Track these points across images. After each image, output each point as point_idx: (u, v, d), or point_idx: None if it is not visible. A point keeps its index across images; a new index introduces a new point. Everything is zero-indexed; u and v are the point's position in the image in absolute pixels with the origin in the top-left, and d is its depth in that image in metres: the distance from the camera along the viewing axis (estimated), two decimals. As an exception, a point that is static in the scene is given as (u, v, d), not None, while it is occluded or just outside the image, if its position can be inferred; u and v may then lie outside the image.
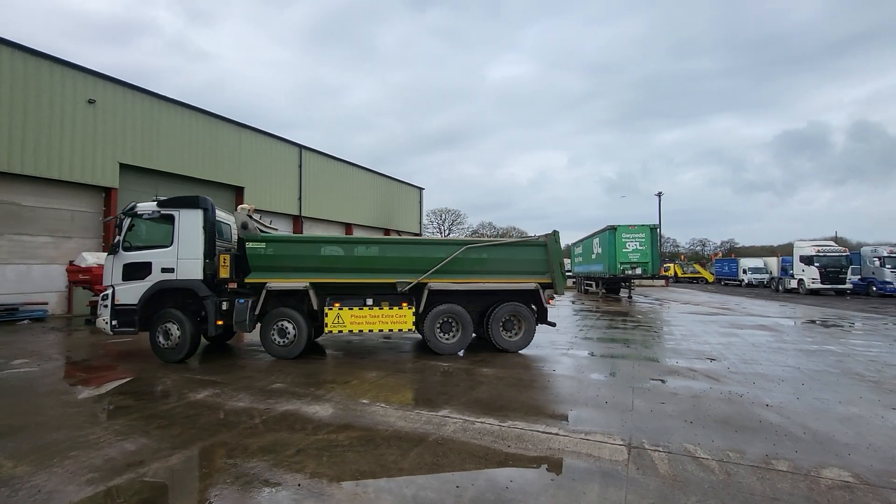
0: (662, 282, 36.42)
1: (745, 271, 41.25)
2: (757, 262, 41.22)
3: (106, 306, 7.88)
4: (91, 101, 15.94)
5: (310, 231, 26.52)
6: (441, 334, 8.68)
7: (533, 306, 9.12)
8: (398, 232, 35.61)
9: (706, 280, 48.33)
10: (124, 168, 16.98)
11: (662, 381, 6.74)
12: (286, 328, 8.26)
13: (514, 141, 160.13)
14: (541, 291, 8.98)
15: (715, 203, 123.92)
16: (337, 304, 8.38)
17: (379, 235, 33.61)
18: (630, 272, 22.21)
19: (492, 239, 9.33)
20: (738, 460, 3.97)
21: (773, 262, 39.32)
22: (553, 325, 9.45)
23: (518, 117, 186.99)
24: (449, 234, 79.86)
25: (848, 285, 28.26)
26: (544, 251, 9.05)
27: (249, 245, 8.26)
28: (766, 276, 39.19)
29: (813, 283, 28.77)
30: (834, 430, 4.72)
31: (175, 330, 7.87)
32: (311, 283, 8.29)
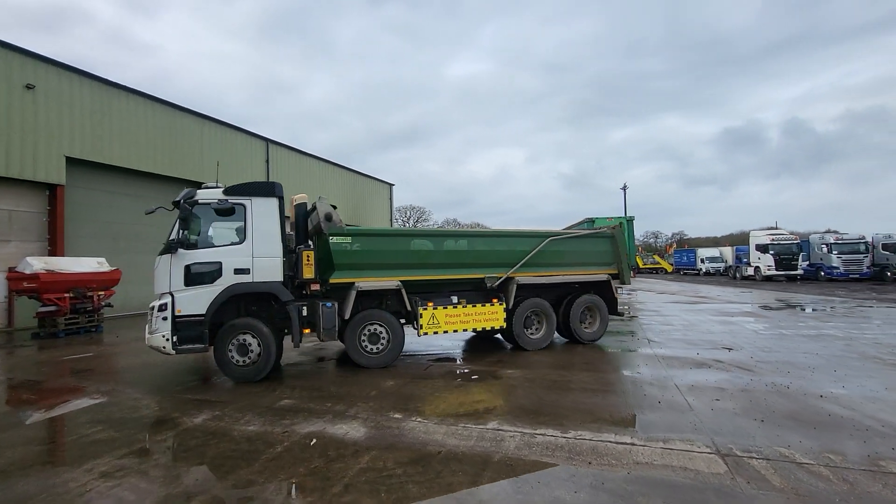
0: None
1: (702, 261, 42.93)
2: (714, 252, 42.98)
3: (165, 319, 6.18)
4: (29, 87, 14.01)
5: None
6: (527, 330, 8.39)
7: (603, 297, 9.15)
8: (370, 229, 34.43)
9: (665, 270, 50.03)
10: (72, 163, 15.09)
11: (697, 375, 6.38)
12: (379, 333, 7.29)
13: (474, 138, 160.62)
14: (611, 282, 9.11)
15: (665, 197, 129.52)
16: (430, 304, 7.64)
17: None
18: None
19: (568, 231, 9.25)
20: (843, 463, 3.57)
21: (729, 252, 41.14)
22: (621, 315, 9.55)
23: (477, 115, 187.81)
24: (415, 231, 78.85)
25: (799, 271, 29.87)
26: (611, 242, 9.16)
27: (334, 240, 7.09)
28: (722, 265, 40.92)
29: (768, 269, 30.20)
30: (907, 420, 4.45)
31: (254, 343, 6.54)
32: (402, 282, 7.44)
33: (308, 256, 6.85)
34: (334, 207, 7.28)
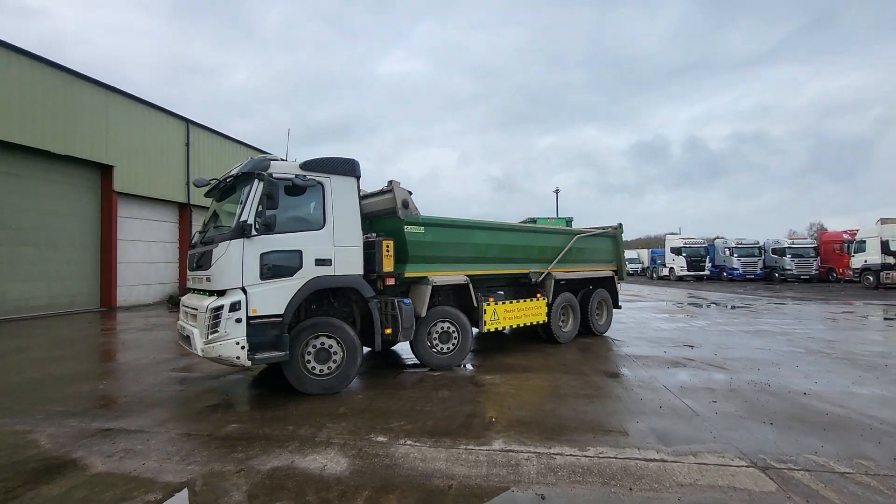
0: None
1: (622, 262, 45.86)
2: (632, 254, 46.05)
3: (239, 321, 4.81)
4: None
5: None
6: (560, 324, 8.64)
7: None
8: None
9: (589, 270, 52.82)
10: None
11: (679, 375, 6.20)
12: (450, 331, 6.85)
13: (406, 137, 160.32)
14: (615, 278, 9.87)
15: (585, 202, 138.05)
16: (491, 299, 7.42)
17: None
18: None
19: (587, 229, 9.58)
20: (879, 470, 3.35)
21: (645, 254, 44.37)
22: (619, 307, 10.05)
23: (410, 114, 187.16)
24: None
25: (706, 272, 32.87)
26: (615, 241, 9.98)
27: (409, 229, 6.42)
28: (639, 266, 44.02)
29: (681, 270, 32.90)
30: (896, 416, 4.47)
31: (336, 347, 5.49)
32: (468, 276, 7.08)
33: (388, 246, 6.05)
34: (410, 193, 6.53)
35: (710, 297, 19.26)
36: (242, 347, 4.82)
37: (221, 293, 4.90)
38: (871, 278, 23.23)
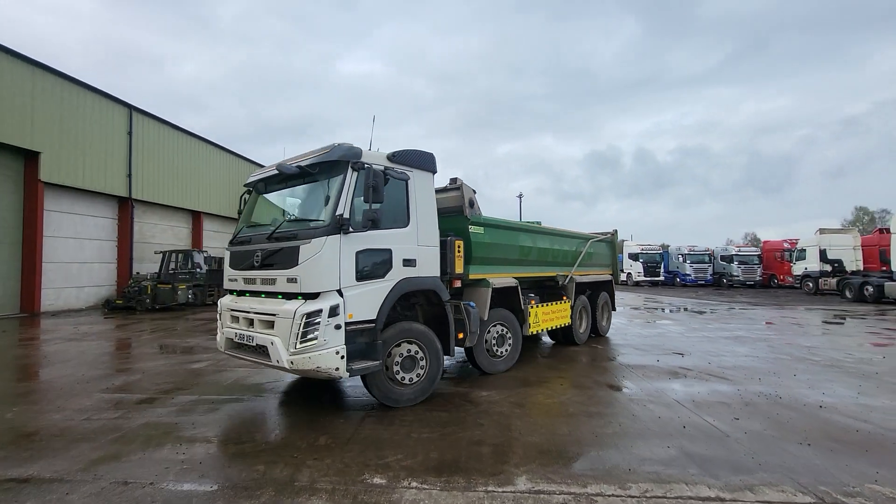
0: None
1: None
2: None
3: (338, 327, 4.31)
4: None
5: (145, 219, 20.25)
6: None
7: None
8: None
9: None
10: None
11: (685, 387, 5.80)
12: (505, 334, 6.67)
13: (366, 139, 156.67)
14: (612, 281, 10.23)
15: (543, 209, 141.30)
16: (533, 302, 7.26)
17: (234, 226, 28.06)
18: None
19: (597, 234, 9.93)
20: (952, 501, 2.98)
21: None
22: (614, 309, 10.41)
23: (371, 115, 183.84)
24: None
25: (661, 277, 33.99)
26: (611, 246, 10.31)
27: (473, 229, 6.21)
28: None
29: (638, 275, 33.83)
30: (923, 431, 4.21)
31: (422, 354, 5.11)
32: (515, 279, 6.93)
33: (459, 246, 5.76)
34: (474, 192, 6.43)
35: (672, 301, 19.65)
36: (342, 357, 4.30)
37: (311, 296, 4.33)
38: (810, 284, 24.67)
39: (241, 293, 5.13)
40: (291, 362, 4.21)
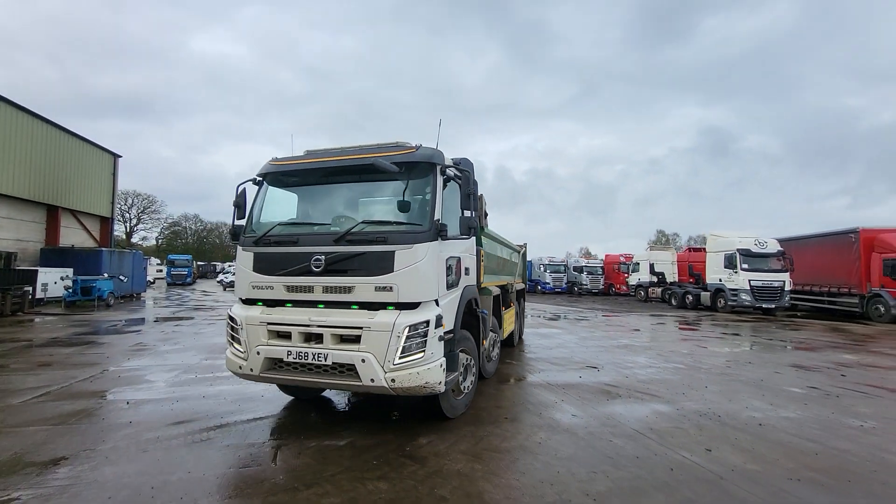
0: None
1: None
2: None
3: (441, 339, 4.04)
4: None
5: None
6: None
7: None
8: (74, 212, 23.41)
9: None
10: None
11: (627, 410, 5.33)
12: (495, 340, 6.69)
13: (222, 127, 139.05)
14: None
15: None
16: (503, 307, 7.41)
17: (42, 212, 21.35)
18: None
19: (521, 246, 10.38)
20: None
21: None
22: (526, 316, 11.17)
23: (228, 102, 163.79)
24: (138, 223, 61.42)
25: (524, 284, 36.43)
26: (523, 258, 10.60)
27: (486, 239, 6.35)
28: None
29: (507, 283, 35.68)
30: None
31: (473, 363, 4.95)
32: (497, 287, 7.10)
33: (482, 255, 5.83)
34: None
35: (544, 308, 20.75)
36: (444, 370, 4.06)
37: (408, 306, 4.00)
38: (642, 293, 28.88)
39: (272, 303, 4.35)
40: (392, 380, 3.82)
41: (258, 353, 4.16)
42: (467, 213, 4.39)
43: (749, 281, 18.31)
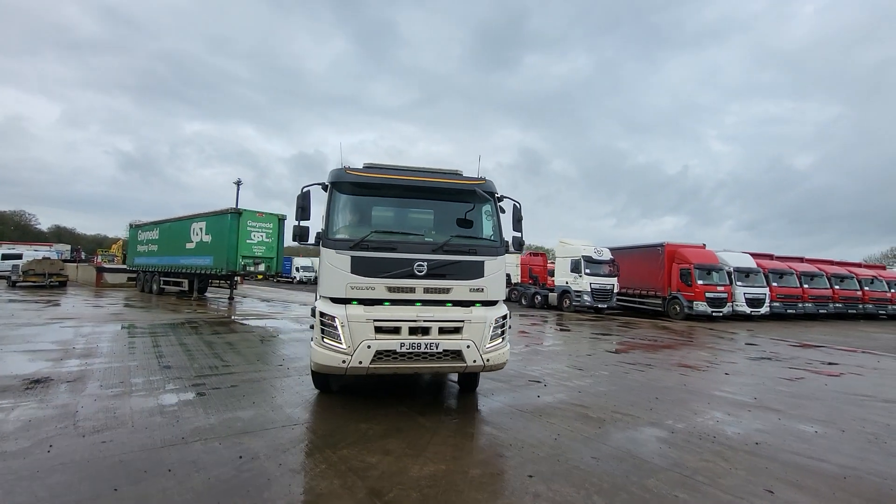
0: (238, 279, 32.12)
1: (297, 269, 43.44)
2: (307, 262, 44.37)
3: (509, 327, 5.55)
4: None
5: None
6: None
7: None
8: None
9: (256, 277, 47.28)
10: None
11: (627, 439, 4.70)
12: None
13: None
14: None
15: (244, 203, 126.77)
16: None
17: None
18: (252, 268, 17.60)
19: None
20: None
21: (317, 262, 43.73)
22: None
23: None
24: None
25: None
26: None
27: None
28: (313, 275, 42.83)
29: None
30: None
31: None
32: None
33: None
34: None
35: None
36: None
37: (489, 304, 5.16)
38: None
39: (369, 302, 4.82)
40: (488, 360, 4.96)
41: (368, 346, 4.64)
42: (516, 234, 5.68)
43: (590, 284, 20.94)
